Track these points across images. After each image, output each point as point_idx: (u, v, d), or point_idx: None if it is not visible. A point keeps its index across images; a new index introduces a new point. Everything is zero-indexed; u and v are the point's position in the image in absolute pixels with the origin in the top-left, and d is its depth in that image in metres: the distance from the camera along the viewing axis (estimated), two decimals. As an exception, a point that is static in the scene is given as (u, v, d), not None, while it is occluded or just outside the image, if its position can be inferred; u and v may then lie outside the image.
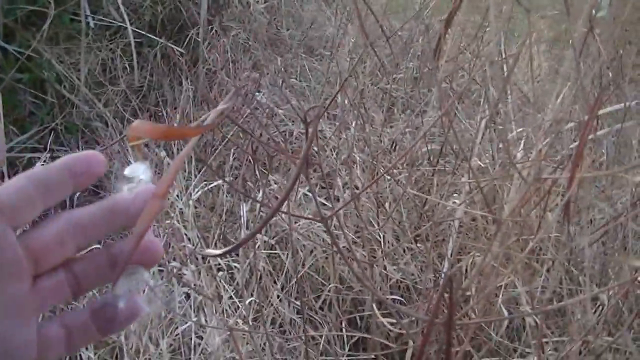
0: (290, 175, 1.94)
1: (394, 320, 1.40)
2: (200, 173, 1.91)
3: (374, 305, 1.20)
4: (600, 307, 1.58)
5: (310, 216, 1.78)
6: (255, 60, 2.57)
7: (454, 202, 1.74)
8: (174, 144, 1.96)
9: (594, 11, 1.22)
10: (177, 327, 1.51)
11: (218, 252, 0.64)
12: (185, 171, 1.89)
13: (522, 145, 1.87)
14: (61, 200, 0.43)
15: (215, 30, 2.67)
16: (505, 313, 1.47)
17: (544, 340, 1.50)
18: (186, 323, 1.51)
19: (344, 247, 1.61)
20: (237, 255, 1.67)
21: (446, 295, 0.64)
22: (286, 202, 1.85)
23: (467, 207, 1.73)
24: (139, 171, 0.44)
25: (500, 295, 1.50)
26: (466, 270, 1.64)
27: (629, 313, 1.51)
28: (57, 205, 0.43)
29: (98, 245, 0.50)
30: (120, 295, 0.44)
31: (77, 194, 1.94)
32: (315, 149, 2.08)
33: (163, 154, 1.82)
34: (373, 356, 1.55)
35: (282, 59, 2.58)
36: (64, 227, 0.43)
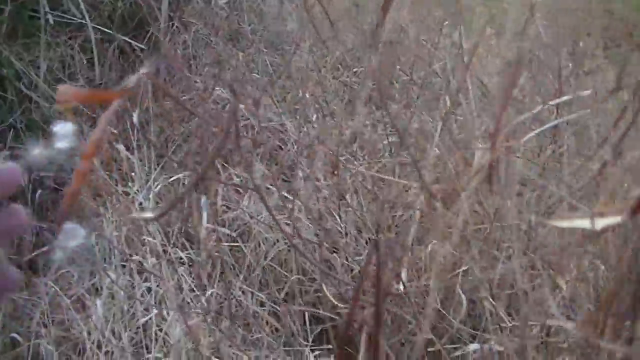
0: (251, 169, 1.95)
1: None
2: (160, 166, 1.90)
3: (323, 286, 1.22)
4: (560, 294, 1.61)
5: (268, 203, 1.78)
6: (217, 56, 2.56)
7: (414, 190, 1.75)
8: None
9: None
10: (137, 320, 1.51)
11: (151, 215, 0.65)
12: (145, 166, 1.89)
13: (481, 132, 1.89)
14: None
15: (176, 26, 2.66)
16: (464, 299, 1.49)
17: (503, 325, 1.52)
18: (147, 315, 1.51)
19: (306, 238, 1.62)
20: (199, 248, 1.68)
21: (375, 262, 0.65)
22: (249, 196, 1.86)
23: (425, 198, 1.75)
24: (65, 130, 0.45)
25: (459, 281, 1.52)
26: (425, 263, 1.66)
27: (587, 298, 1.54)
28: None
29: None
30: (59, 248, 0.45)
31: (39, 191, 1.93)
32: (278, 142, 2.09)
33: (121, 147, 1.81)
34: (331, 346, 1.56)
35: (244, 54, 2.58)
36: None
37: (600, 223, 0.51)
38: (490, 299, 1.52)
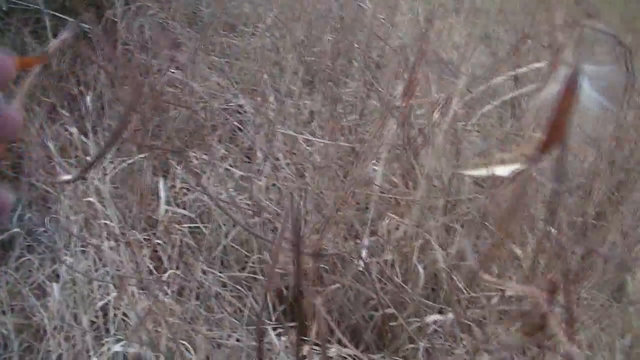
0: (211, 151, 1.95)
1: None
2: (117, 150, 1.88)
3: (266, 254, 1.22)
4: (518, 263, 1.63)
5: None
6: (174, 39, 2.54)
7: (374, 169, 1.76)
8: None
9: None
10: (97, 303, 1.51)
11: (69, 177, 0.66)
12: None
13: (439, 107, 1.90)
14: None
15: (133, 10, 2.62)
16: (421, 270, 1.51)
17: (462, 296, 1.54)
18: (106, 298, 1.51)
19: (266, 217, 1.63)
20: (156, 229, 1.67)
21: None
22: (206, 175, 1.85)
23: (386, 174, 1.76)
24: None
25: (416, 253, 1.53)
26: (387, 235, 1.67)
27: (545, 267, 1.56)
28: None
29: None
30: None
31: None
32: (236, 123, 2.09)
33: (74, 130, 1.79)
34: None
35: (201, 36, 2.56)
36: None
37: (507, 169, 0.52)
38: (449, 271, 1.53)
